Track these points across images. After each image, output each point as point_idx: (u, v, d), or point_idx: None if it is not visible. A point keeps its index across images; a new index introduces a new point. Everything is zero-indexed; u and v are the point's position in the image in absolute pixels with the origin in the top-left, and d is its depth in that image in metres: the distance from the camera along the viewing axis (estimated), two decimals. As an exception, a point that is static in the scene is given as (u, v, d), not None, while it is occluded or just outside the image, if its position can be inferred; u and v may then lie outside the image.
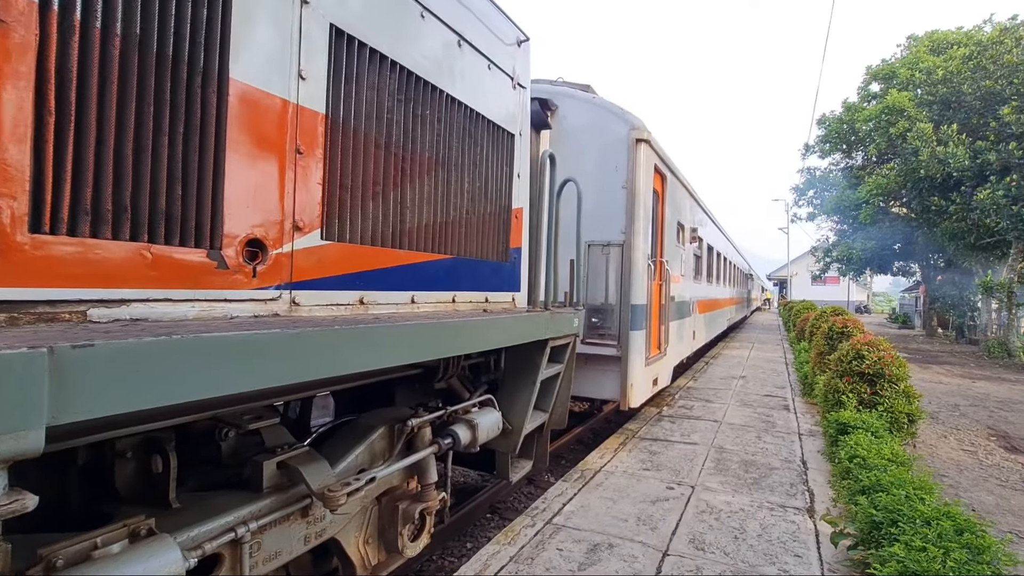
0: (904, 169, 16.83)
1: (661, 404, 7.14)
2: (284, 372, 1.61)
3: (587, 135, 5.22)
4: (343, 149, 2.34)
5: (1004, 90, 13.41)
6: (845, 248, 23.52)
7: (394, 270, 2.66)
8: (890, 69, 20.25)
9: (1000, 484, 5.09)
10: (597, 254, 5.17)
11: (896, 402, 4.63)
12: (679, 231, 7.15)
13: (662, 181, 6.07)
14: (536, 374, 3.56)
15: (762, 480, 4.35)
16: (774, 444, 5.41)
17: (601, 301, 5.21)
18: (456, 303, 3.15)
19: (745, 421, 6.38)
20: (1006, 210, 13.20)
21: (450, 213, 3.11)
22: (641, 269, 5.13)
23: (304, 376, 1.70)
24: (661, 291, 6.06)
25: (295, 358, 1.65)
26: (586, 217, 5.27)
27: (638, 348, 5.15)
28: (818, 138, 23.84)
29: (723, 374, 10.08)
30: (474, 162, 3.32)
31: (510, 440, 3.62)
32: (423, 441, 2.70)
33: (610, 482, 4.25)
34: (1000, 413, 8.39)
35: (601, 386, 5.30)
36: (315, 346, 1.72)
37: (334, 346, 1.80)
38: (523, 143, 3.92)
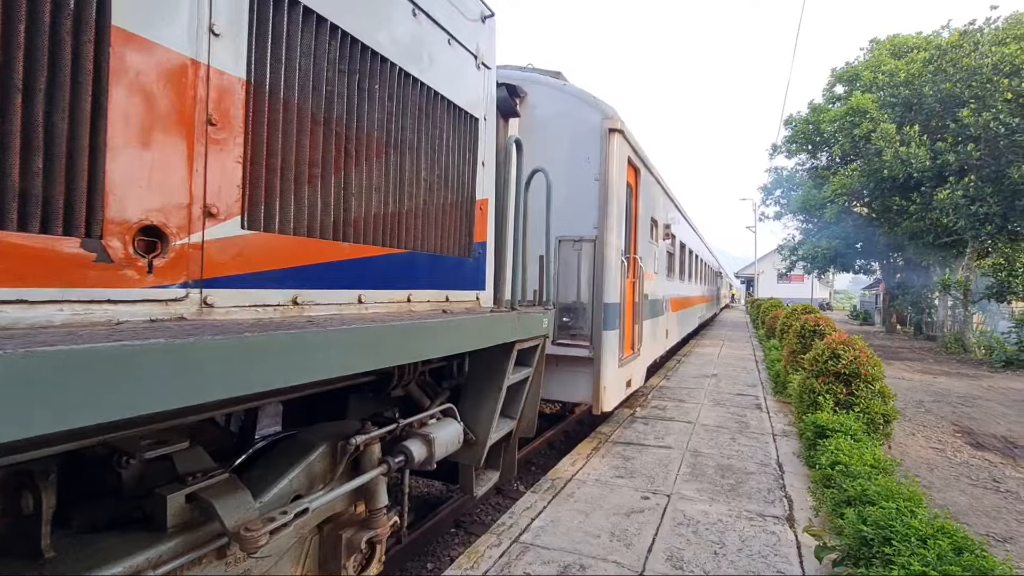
0: (867, 169, 17.21)
1: (634, 405, 6.95)
2: (168, 393, 1.27)
3: (558, 124, 4.96)
4: (272, 123, 1.99)
5: (963, 93, 13.80)
6: (811, 247, 24.04)
7: (337, 265, 2.33)
8: (854, 72, 20.73)
9: (971, 483, 5.06)
10: (568, 250, 4.91)
11: (872, 403, 4.53)
12: (652, 227, 6.97)
13: (635, 174, 5.85)
14: (502, 379, 3.27)
15: (739, 486, 4.17)
16: (749, 446, 5.26)
17: (573, 300, 4.95)
18: (412, 303, 2.83)
19: (719, 422, 6.24)
20: (964, 210, 13.59)
21: (405, 202, 2.78)
22: (614, 266, 4.89)
23: (200, 397, 1.36)
24: (635, 289, 5.85)
25: (186, 374, 1.31)
26: (557, 211, 5.01)
27: (611, 349, 4.92)
28: (785, 138, 24.27)
29: (695, 372, 10.01)
30: (432, 147, 3.00)
31: (474, 452, 3.32)
32: (371, 460, 2.37)
33: (582, 492, 4.00)
34: (963, 409, 8.54)
35: (573, 389, 5.05)
36: (215, 358, 1.38)
37: (244, 357, 1.46)
38: (488, 129, 3.61)
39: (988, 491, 4.86)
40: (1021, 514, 4.36)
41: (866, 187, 17.85)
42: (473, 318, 2.66)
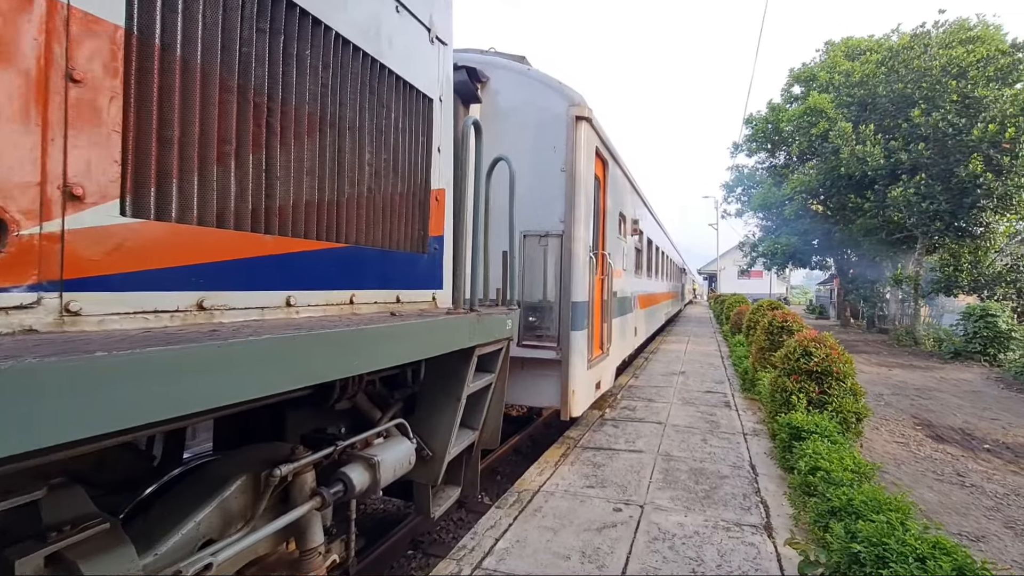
0: (824, 167, 17.66)
1: (604, 406, 6.74)
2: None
3: (522, 111, 4.65)
4: (165, 87, 1.61)
5: (914, 93, 14.26)
6: (771, 243, 24.60)
7: (258, 262, 1.95)
8: (810, 72, 21.25)
9: (937, 478, 5.05)
10: (534, 245, 4.62)
11: (844, 401, 4.42)
12: (621, 222, 6.76)
13: (604, 167, 5.62)
14: (461, 388, 2.95)
15: (714, 492, 3.98)
16: (721, 448, 5.11)
17: (539, 298, 4.67)
18: (356, 304, 2.48)
19: (689, 422, 6.09)
20: (916, 207, 14.05)
21: (345, 190, 2.42)
22: (582, 262, 4.63)
23: (23, 444, 0.99)
24: (603, 286, 5.62)
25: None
26: (521, 203, 4.70)
27: (580, 350, 4.66)
28: (746, 137, 24.74)
29: (663, 370, 9.92)
30: (379, 128, 2.65)
31: (430, 469, 2.99)
32: (302, 492, 2.01)
33: (550, 506, 3.72)
34: (920, 401, 8.72)
35: (540, 393, 4.77)
36: (49, 388, 1.01)
37: (94, 385, 1.09)
38: (445, 111, 3.28)
39: (955, 487, 4.85)
40: (989, 510, 4.33)
41: (823, 185, 18.33)
42: (425, 322, 2.32)
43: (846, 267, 24.91)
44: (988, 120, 12.96)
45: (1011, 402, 8.93)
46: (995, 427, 7.19)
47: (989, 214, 13.70)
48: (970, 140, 13.10)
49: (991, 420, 7.56)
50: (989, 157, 13.01)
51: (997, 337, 12.80)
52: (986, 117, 13.07)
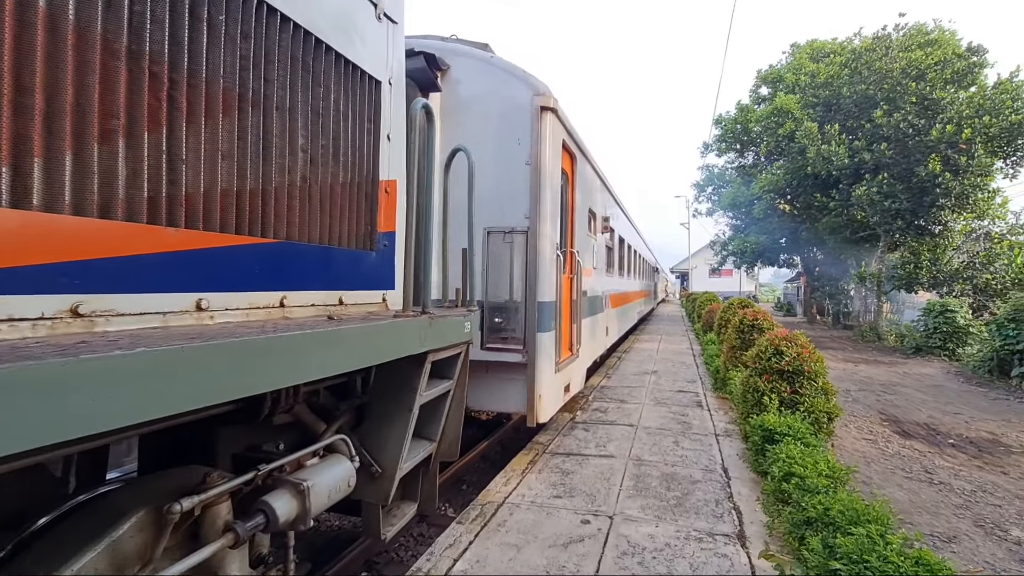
0: (791, 167, 17.95)
1: (575, 408, 6.57)
2: None
3: (485, 102, 4.42)
4: (22, 43, 1.32)
5: (876, 94, 14.58)
6: (740, 242, 24.97)
7: (158, 260, 1.67)
8: (777, 73, 21.63)
9: (906, 476, 5.03)
10: (498, 243, 4.39)
11: (816, 400, 4.33)
12: (590, 219, 6.59)
13: (571, 161, 5.42)
14: (413, 398, 2.69)
15: (685, 499, 3.82)
16: (693, 450, 4.97)
17: (505, 298, 4.44)
18: (287, 308, 2.20)
19: (661, 423, 5.96)
20: (879, 205, 14.36)
21: (274, 178, 2.14)
22: (549, 260, 4.42)
23: None
24: (572, 285, 5.43)
25: None
26: (486, 199, 4.47)
27: (547, 352, 4.45)
28: (715, 137, 25.06)
29: (636, 370, 9.82)
30: (315, 110, 2.37)
31: (380, 487, 2.72)
32: (213, 527, 1.73)
33: (515, 519, 3.49)
34: (886, 397, 8.83)
35: (505, 398, 4.54)
36: None
37: None
38: (395, 97, 3.01)
39: (923, 484, 4.82)
40: (958, 508, 4.30)
41: (790, 184, 18.65)
42: (365, 327, 2.06)
43: (812, 265, 25.48)
44: (946, 121, 13.33)
45: (971, 396, 9.12)
46: (958, 421, 7.30)
47: (947, 213, 14.10)
48: (929, 140, 13.45)
49: (954, 415, 7.68)
50: (947, 157, 13.39)
51: (956, 332, 13.17)
52: (944, 118, 13.44)
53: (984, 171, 13.48)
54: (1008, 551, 3.61)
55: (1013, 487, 4.85)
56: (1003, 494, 4.66)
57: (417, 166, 2.80)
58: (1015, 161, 14.07)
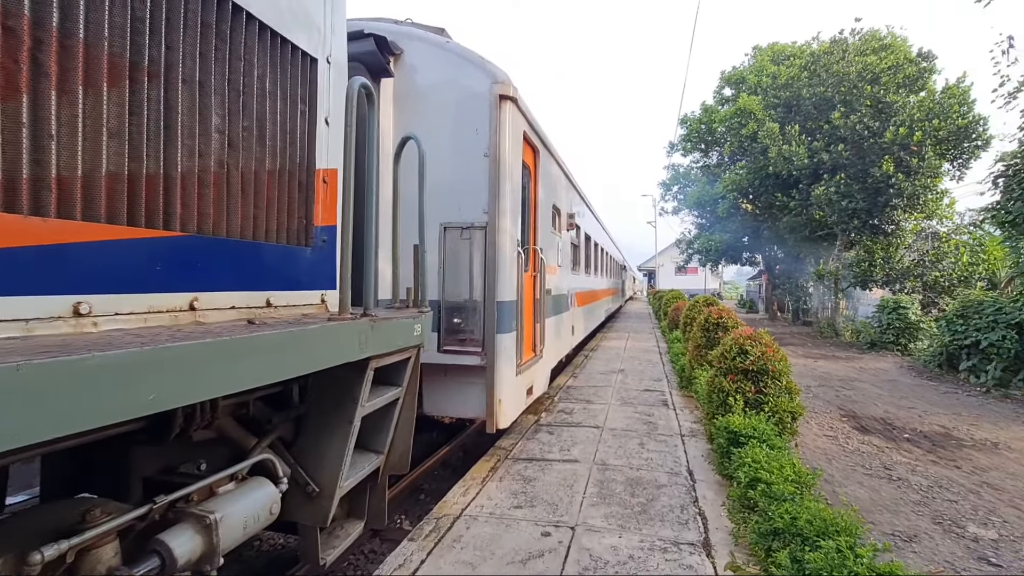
0: (754, 167, 18.30)
1: (539, 410, 6.39)
2: None
3: (441, 90, 4.17)
4: None
5: (834, 97, 14.97)
6: (705, 240, 25.40)
7: (16, 255, 1.38)
8: (740, 75, 22.03)
9: (866, 473, 5.05)
10: (456, 239, 4.15)
11: (780, 400, 4.28)
12: (555, 216, 6.42)
13: (534, 155, 5.23)
14: (353, 408, 2.44)
15: (650, 506, 3.68)
16: (658, 452, 4.86)
17: (464, 298, 4.21)
18: (198, 311, 1.92)
19: (627, 424, 5.85)
20: (836, 205, 14.75)
21: (181, 161, 1.86)
22: (509, 258, 4.22)
23: None
24: (535, 284, 5.24)
25: None
26: (443, 192, 4.23)
27: (507, 354, 4.24)
28: (681, 137, 25.38)
29: (602, 368, 9.74)
30: (234, 86, 2.09)
31: (317, 508, 2.46)
32: (95, 572, 1.45)
33: (472, 534, 3.27)
34: (844, 392, 9.00)
35: (464, 402, 4.32)
36: None
37: None
38: (336, 77, 2.74)
39: (883, 481, 4.85)
40: (917, 505, 4.32)
41: (752, 184, 19.03)
42: (284, 334, 1.80)
43: (773, 263, 26.15)
44: (899, 124, 13.78)
45: (923, 390, 9.41)
46: (912, 416, 7.47)
47: (900, 213, 14.61)
48: (883, 142, 13.88)
49: (908, 409, 7.87)
50: (900, 159, 13.85)
51: (908, 328, 13.65)
52: (897, 121, 13.90)
53: (933, 172, 14.00)
54: (966, 548, 3.61)
55: (966, 481, 4.92)
56: (957, 489, 4.72)
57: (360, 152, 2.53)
58: (961, 163, 14.68)
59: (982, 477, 5.06)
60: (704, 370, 6.33)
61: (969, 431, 6.74)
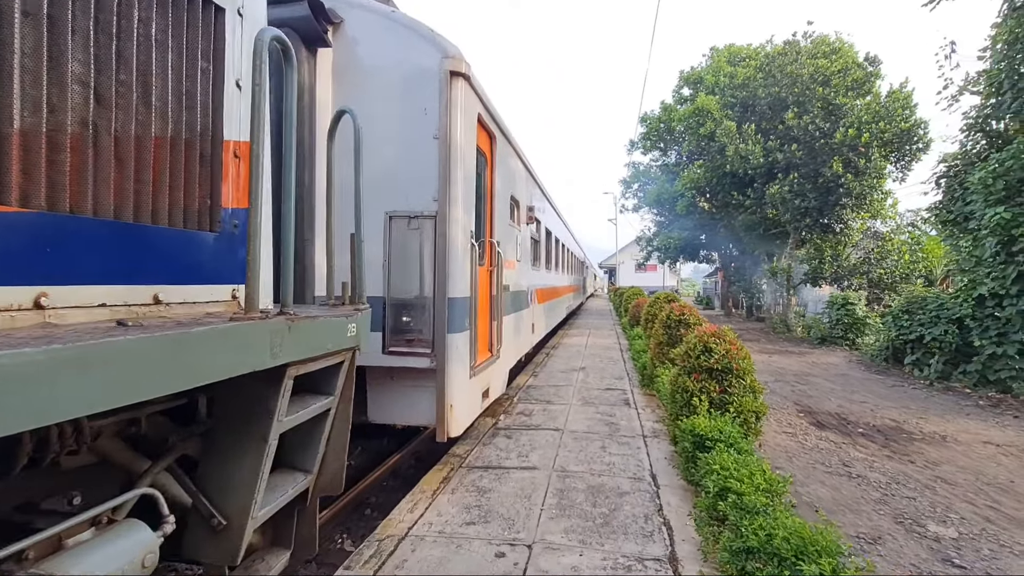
0: (711, 166, 18.59)
1: (498, 412, 6.09)
2: None
3: (386, 64, 3.78)
4: None
5: (787, 97, 15.33)
6: (664, 238, 25.74)
7: None
8: (698, 75, 22.36)
9: (827, 471, 4.99)
10: (403, 229, 3.78)
11: (744, 400, 4.13)
12: (513, 208, 6.12)
13: (490, 141, 4.90)
14: (268, 424, 2.05)
15: (613, 516, 3.43)
16: (620, 455, 4.65)
17: (412, 294, 3.84)
18: (48, 309, 1.50)
19: (588, 425, 5.62)
20: (790, 204, 15.11)
21: (19, 115, 1.44)
22: (461, 250, 3.88)
23: None
24: (492, 279, 4.93)
25: None
26: (387, 178, 3.84)
27: (459, 356, 3.90)
28: (641, 135, 25.60)
29: (563, 367, 9.53)
30: (105, 28, 1.67)
31: (225, 544, 2.06)
32: None
33: (418, 557, 2.93)
34: (799, 387, 9.12)
35: (412, 408, 3.96)
36: None
37: None
38: (249, 32, 2.33)
39: (843, 479, 4.80)
40: (877, 503, 4.26)
41: (709, 183, 19.34)
42: (155, 338, 1.41)
43: (729, 261, 26.78)
44: (848, 125, 14.22)
45: (872, 384, 9.66)
46: (864, 410, 7.59)
47: (849, 212, 15.11)
48: (834, 143, 14.30)
49: (860, 403, 8.01)
50: (849, 160, 14.30)
51: (855, 323, 14.12)
52: (846, 123, 14.33)
53: (879, 173, 14.53)
54: (929, 549, 3.54)
55: (921, 477, 4.94)
56: (914, 484, 4.71)
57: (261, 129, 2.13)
58: (903, 165, 15.30)
59: (935, 471, 5.10)
60: (666, 368, 6.19)
61: (918, 424, 6.88)
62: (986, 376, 8.89)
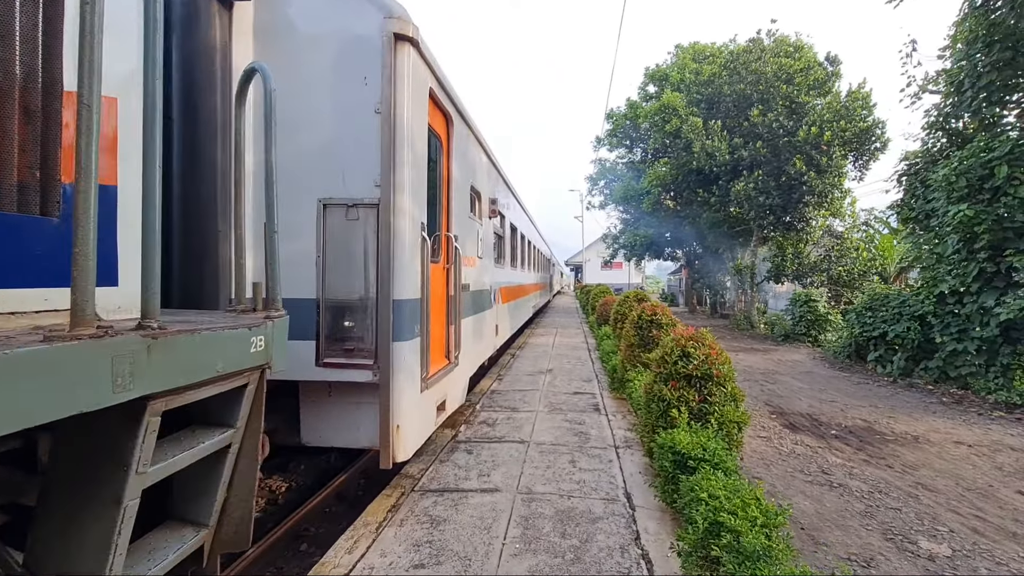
0: (677, 163, 18.53)
1: (458, 422, 5.59)
2: None
3: (316, 24, 3.21)
4: None
5: (752, 94, 15.34)
6: (631, 235, 25.70)
7: None
8: (663, 72, 22.34)
9: (806, 480, 4.72)
10: (340, 220, 3.23)
11: (726, 409, 3.77)
12: (474, 200, 5.61)
13: (447, 123, 4.39)
14: (120, 479, 1.49)
15: (585, 549, 2.99)
16: (591, 471, 4.24)
17: (353, 295, 3.29)
18: None
19: (556, 436, 5.19)
20: (755, 201, 15.14)
21: None
22: (409, 245, 3.35)
23: None
24: (449, 278, 4.42)
25: None
26: (321, 157, 3.27)
27: (408, 367, 3.38)
28: (607, 132, 25.46)
29: (530, 368, 9.10)
30: None
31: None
32: None
33: (351, 617, 2.41)
34: (768, 387, 8.96)
35: (353, 429, 3.41)
36: None
37: None
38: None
39: (824, 488, 4.52)
40: (863, 516, 3.98)
41: (675, 180, 19.29)
42: None
43: (694, 258, 27.00)
44: (810, 123, 14.31)
45: (838, 382, 9.62)
46: (835, 410, 7.46)
47: (811, 210, 15.25)
48: (797, 141, 14.37)
49: (830, 403, 7.89)
50: (811, 157, 14.40)
51: (817, 320, 14.25)
52: (808, 121, 14.43)
53: (840, 172, 14.71)
54: (925, 570, 3.25)
55: (901, 483, 4.73)
56: (896, 493, 4.48)
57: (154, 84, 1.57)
58: (862, 164, 15.56)
59: (914, 476, 4.90)
60: (638, 373, 5.82)
61: (888, 424, 6.76)
62: (947, 372, 8.95)
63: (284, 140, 2.93)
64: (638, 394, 5.30)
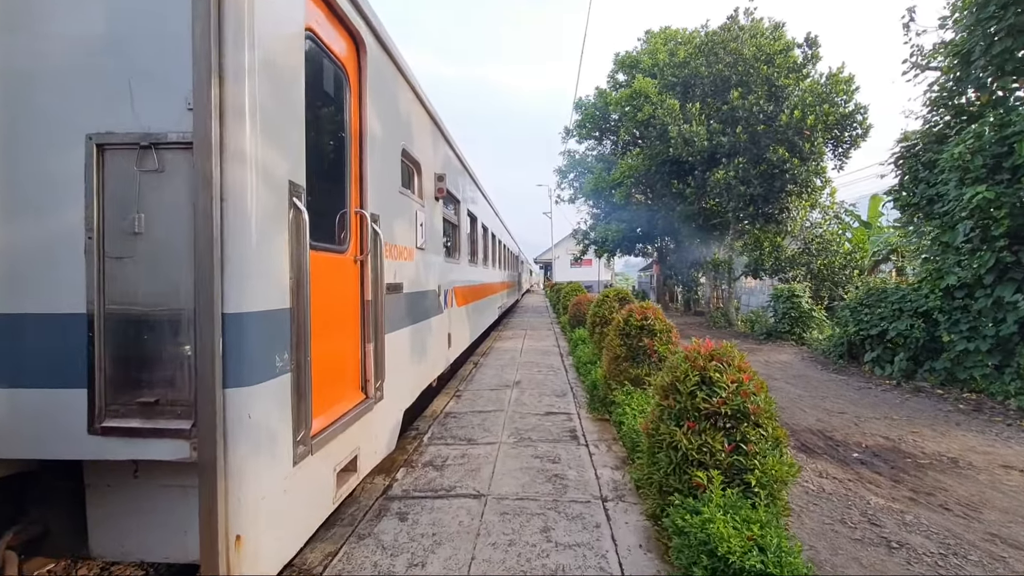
0: (650, 153, 17.53)
1: (397, 463, 4.25)
2: None
3: None
4: None
5: (731, 76, 14.41)
6: (602, 230, 24.68)
7: None
8: (633, 59, 21.34)
9: (852, 535, 3.57)
10: (126, 171, 1.85)
11: (770, 462, 2.55)
12: (411, 171, 4.25)
13: (355, 47, 3.00)
14: None
15: None
16: (572, 547, 2.95)
17: (164, 306, 1.91)
18: None
19: (523, 484, 3.90)
20: (735, 190, 14.22)
21: None
22: (261, 215, 1.92)
23: None
24: (364, 275, 3.06)
25: None
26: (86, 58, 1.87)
27: (260, 428, 1.94)
28: (576, 123, 24.34)
29: (494, 381, 7.78)
30: None
31: None
32: None
33: None
34: (765, 395, 7.92)
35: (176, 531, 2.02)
36: None
37: None
38: None
39: (882, 551, 3.37)
40: (955, 604, 2.84)
41: (648, 171, 18.31)
42: None
43: (666, 253, 26.19)
44: (792, 107, 13.47)
45: (837, 386, 8.68)
46: (847, 424, 6.43)
47: (793, 199, 14.46)
48: (779, 126, 13.51)
49: (839, 414, 6.87)
50: (793, 143, 13.57)
51: (802, 317, 13.43)
52: (790, 104, 13.59)
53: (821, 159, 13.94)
54: None
55: (972, 536, 3.64)
56: (975, 554, 3.38)
57: None
58: (842, 152, 14.86)
59: (982, 523, 3.83)
60: (626, 393, 4.57)
61: (915, 441, 5.75)
62: (955, 374, 8.10)
63: (8, 21, 1.52)
64: (629, 425, 4.04)
